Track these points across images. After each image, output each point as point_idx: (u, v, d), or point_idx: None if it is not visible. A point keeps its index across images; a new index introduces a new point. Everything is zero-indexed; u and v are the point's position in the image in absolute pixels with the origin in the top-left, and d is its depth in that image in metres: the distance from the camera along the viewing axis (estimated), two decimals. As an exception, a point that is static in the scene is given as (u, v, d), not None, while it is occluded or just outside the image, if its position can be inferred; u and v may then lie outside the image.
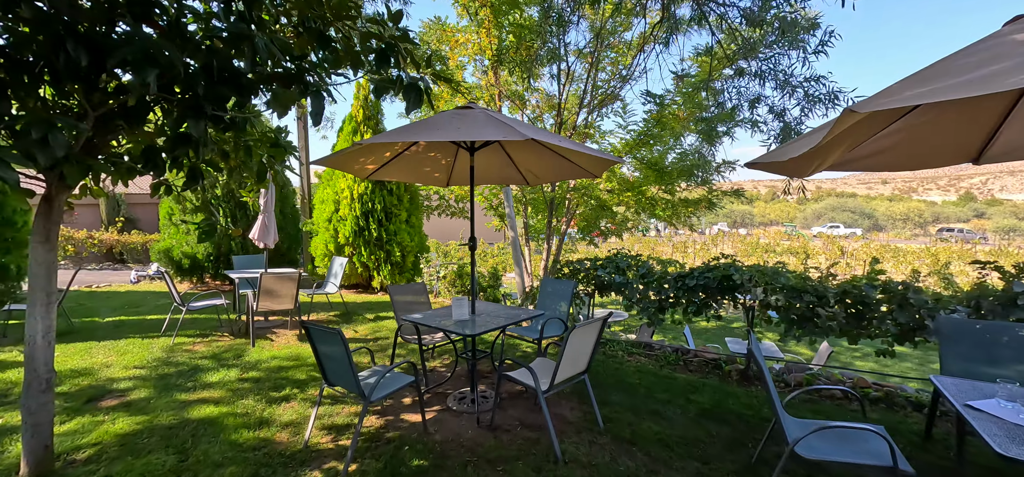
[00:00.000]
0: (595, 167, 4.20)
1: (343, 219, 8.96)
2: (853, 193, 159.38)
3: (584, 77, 8.75)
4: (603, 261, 5.26)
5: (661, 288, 4.84)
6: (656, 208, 8.10)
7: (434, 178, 5.03)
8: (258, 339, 5.85)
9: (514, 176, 4.85)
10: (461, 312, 3.80)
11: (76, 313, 7.29)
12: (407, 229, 9.32)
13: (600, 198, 8.04)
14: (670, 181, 7.81)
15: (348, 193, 8.90)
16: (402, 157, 4.39)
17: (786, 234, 46.85)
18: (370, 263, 8.99)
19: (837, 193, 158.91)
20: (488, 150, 4.41)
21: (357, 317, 7.13)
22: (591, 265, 5.29)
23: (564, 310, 4.69)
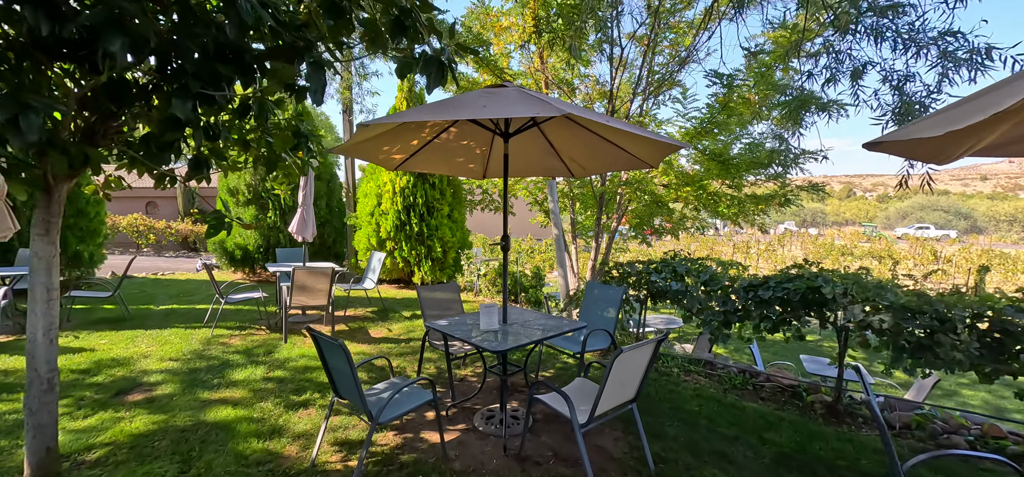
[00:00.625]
0: (650, 154, 3.57)
1: (385, 213, 8.81)
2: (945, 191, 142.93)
3: (638, 62, 8.00)
4: (658, 264, 4.61)
5: (727, 298, 4.13)
6: (719, 205, 7.22)
7: (469, 169, 4.60)
8: (292, 335, 5.73)
9: (557, 167, 4.31)
10: (490, 321, 3.34)
11: (136, 300, 7.62)
12: (449, 224, 9.03)
13: (655, 193, 7.29)
14: (736, 174, 6.90)
15: (390, 187, 8.74)
16: (432, 146, 3.99)
17: (865, 235, 42.54)
18: (411, 258, 8.78)
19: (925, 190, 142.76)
20: (526, 137, 3.91)
21: (393, 315, 6.90)
22: (644, 268, 4.65)
23: (611, 318, 4.11)
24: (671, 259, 4.72)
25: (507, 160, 3.41)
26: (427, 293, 4.46)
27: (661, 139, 2.95)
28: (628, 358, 2.39)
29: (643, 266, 4.67)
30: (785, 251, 27.62)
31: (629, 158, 3.70)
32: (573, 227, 9.01)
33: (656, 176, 7.82)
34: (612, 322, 4.09)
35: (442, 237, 8.82)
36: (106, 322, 6.13)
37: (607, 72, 7.68)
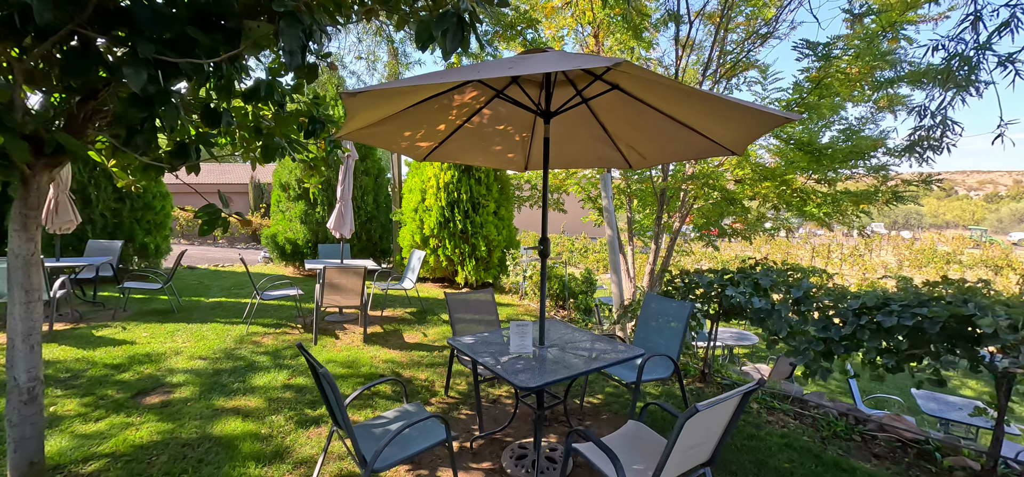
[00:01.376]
0: (733, 135, 2.78)
1: (429, 209, 8.46)
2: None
3: (708, 43, 7.04)
4: (735, 275, 3.77)
5: (829, 322, 3.24)
6: (807, 203, 6.10)
7: (508, 160, 4.01)
8: (324, 336, 5.47)
9: (611, 156, 3.61)
10: (523, 342, 2.74)
11: (191, 292, 7.81)
12: (495, 221, 8.52)
13: (725, 189, 6.31)
14: (830, 165, 5.78)
15: (434, 182, 8.37)
16: (464, 132, 3.45)
17: (973, 240, 37.15)
18: (454, 257, 8.37)
19: None
20: (572, 118, 3.26)
21: (431, 317, 6.49)
22: (716, 279, 3.83)
23: (673, 341, 3.36)
24: (751, 269, 3.86)
25: (547, 145, 2.78)
26: (457, 299, 3.94)
27: (753, 106, 2.19)
28: (703, 418, 1.69)
29: (714, 276, 3.84)
30: (874, 257, 24.55)
31: (703, 142, 2.93)
32: (630, 226, 8.18)
33: (728, 169, 6.81)
34: (675, 345, 3.34)
35: (487, 235, 8.33)
36: (156, 314, 6.22)
37: (672, 55, 6.76)
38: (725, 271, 3.85)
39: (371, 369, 4.48)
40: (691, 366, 4.38)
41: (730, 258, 13.77)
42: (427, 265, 8.63)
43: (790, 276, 3.66)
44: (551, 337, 3.08)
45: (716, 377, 4.19)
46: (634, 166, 3.67)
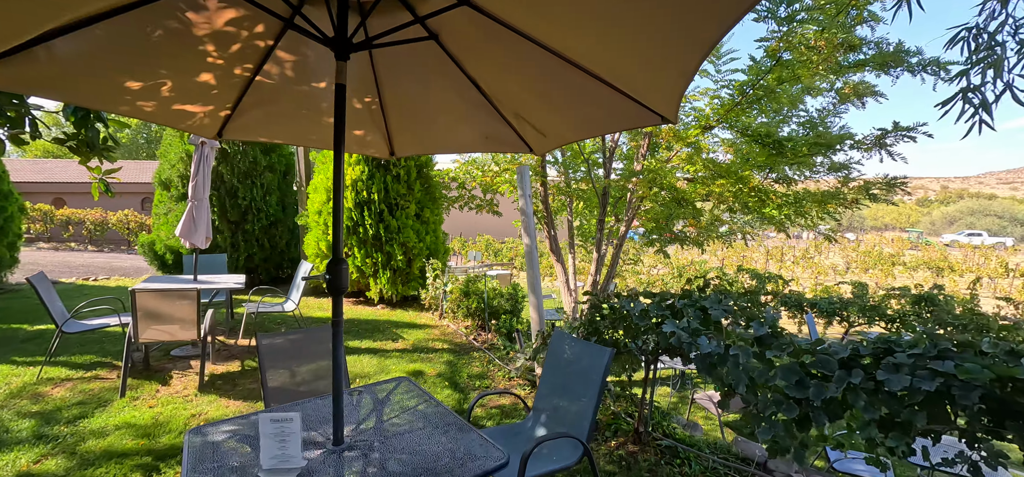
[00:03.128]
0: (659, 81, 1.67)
1: (334, 211, 7.10)
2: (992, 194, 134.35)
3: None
4: (676, 299, 2.70)
5: (805, 376, 2.21)
6: (765, 204, 5.24)
7: (363, 141, 2.82)
8: (152, 380, 4.06)
9: (499, 132, 2.46)
10: (282, 454, 1.52)
11: (29, 315, 6.11)
12: (415, 226, 7.26)
13: (675, 188, 5.36)
14: (791, 160, 4.91)
15: (340, 178, 7.02)
16: (263, 91, 2.22)
17: (910, 242, 39.04)
18: (365, 268, 7.05)
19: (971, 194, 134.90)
20: (423, 67, 2.10)
21: (316, 347, 5.14)
22: (653, 307, 2.76)
23: (584, 408, 2.25)
24: (699, 291, 2.81)
25: (342, 99, 1.61)
26: (276, 346, 2.69)
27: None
28: None
29: (651, 304, 2.76)
30: (823, 259, 24.93)
31: (620, 103, 1.82)
32: (571, 232, 7.14)
33: (679, 165, 5.87)
34: (587, 414, 2.23)
35: (406, 242, 7.07)
36: (-72, 352, 4.59)
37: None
38: (665, 296, 2.78)
39: (177, 439, 3.13)
40: (623, 422, 3.29)
41: (685, 264, 13.11)
42: (306, 284, 7.26)
43: (752, 305, 2.63)
44: (361, 426, 1.88)
45: (654, 437, 3.12)
46: (537, 150, 2.54)
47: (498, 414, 3.60)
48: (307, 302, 7.35)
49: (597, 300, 3.09)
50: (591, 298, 3.11)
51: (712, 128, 5.43)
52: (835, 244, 5.84)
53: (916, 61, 4.91)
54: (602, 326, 3.02)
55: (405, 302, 7.41)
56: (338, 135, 1.66)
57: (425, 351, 5.09)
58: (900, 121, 4.46)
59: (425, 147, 2.98)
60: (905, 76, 5.11)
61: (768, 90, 4.83)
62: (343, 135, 1.67)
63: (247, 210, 8.16)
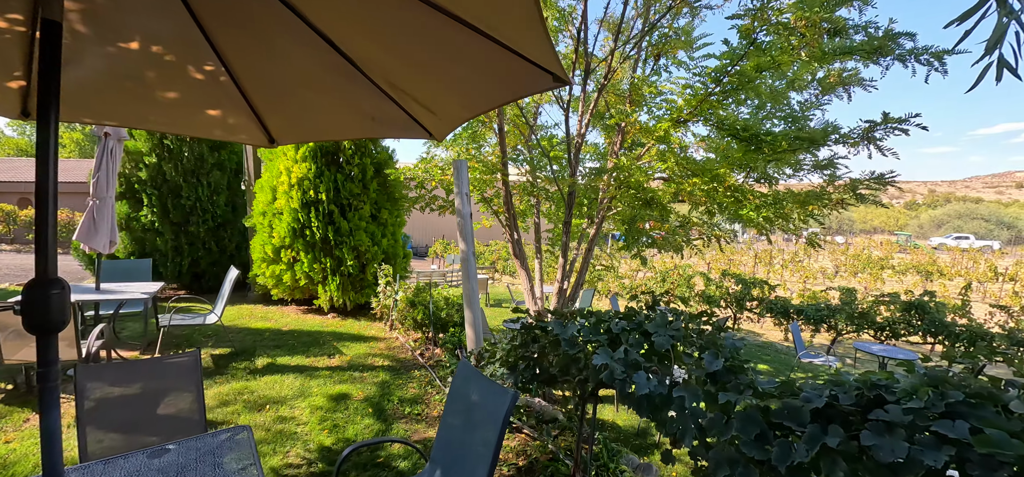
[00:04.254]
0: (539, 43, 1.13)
1: (279, 213, 6.51)
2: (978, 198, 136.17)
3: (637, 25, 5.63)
4: (611, 323, 2.16)
5: (768, 429, 1.67)
6: (743, 206, 4.73)
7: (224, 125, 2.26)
8: (21, 409, 3.45)
9: (388, 113, 1.92)
10: None
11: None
12: (371, 228, 6.68)
13: (642, 186, 4.84)
14: (771, 157, 4.40)
15: (286, 176, 6.43)
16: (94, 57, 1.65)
17: (899, 245, 39.04)
18: (314, 274, 6.45)
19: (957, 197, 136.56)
20: (257, 22, 1.54)
21: (234, 367, 4.54)
22: (589, 331, 2.21)
23: (481, 467, 1.70)
24: (647, 310, 2.26)
25: (52, 52, 1.05)
26: (97, 381, 2.11)
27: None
28: None
29: (588, 325, 2.22)
30: (812, 262, 24.62)
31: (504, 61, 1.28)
32: (537, 235, 6.59)
33: (649, 162, 5.35)
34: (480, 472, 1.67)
35: (358, 245, 6.48)
36: None
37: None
38: (602, 318, 2.23)
39: (7, 493, 2.54)
40: (561, 465, 2.74)
41: (669, 268, 12.62)
42: (283, 284, 6.66)
43: (712, 329, 2.09)
44: None
45: (599, 483, 2.57)
46: (436, 133, 2.00)
47: (397, 459, 3.03)
48: (252, 311, 6.75)
49: (532, 322, 2.54)
50: (524, 320, 2.57)
51: (685, 122, 4.92)
52: (820, 249, 5.33)
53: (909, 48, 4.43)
54: (535, 353, 2.47)
55: (359, 311, 6.82)
56: (45, 94, 1.10)
57: (361, 368, 4.52)
58: (889, 113, 3.97)
59: (308, 133, 2.43)
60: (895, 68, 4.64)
61: (745, 78, 4.32)
62: (53, 94, 1.10)
63: (192, 211, 7.53)
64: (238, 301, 7.36)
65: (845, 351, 9.61)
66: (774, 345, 9.55)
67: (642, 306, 2.29)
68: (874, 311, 8.62)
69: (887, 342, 8.39)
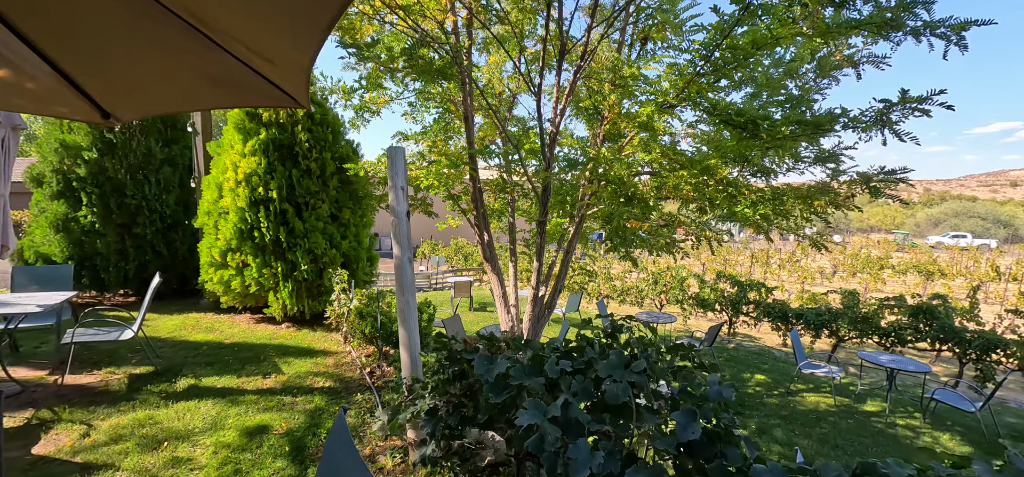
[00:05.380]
0: None
1: (225, 212, 5.88)
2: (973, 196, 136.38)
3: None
4: (555, 359, 1.56)
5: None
6: (738, 202, 4.14)
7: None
8: None
9: (229, 72, 1.31)
10: None
11: None
12: (329, 228, 6.06)
13: (622, 181, 4.24)
14: (769, 144, 3.81)
15: (232, 172, 5.80)
16: None
17: (897, 244, 38.63)
18: (265, 280, 5.83)
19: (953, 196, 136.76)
20: None
21: (150, 390, 3.90)
22: (518, 371, 1.59)
23: None
24: (606, 340, 1.66)
25: None
26: None
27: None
28: None
29: (522, 367, 1.61)
30: (810, 262, 24.10)
31: None
32: (512, 236, 5.99)
33: (633, 154, 4.76)
34: None
35: (314, 248, 5.85)
36: None
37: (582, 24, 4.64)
38: (538, 350, 1.64)
39: None
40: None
41: (662, 269, 12.05)
42: (232, 291, 6.02)
43: (689, 365, 1.48)
44: None
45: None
46: (299, 99, 1.39)
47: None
48: (199, 321, 6.12)
49: (459, 350, 1.94)
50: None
51: (673, 106, 4.32)
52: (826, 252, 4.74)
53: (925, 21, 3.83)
54: (462, 394, 1.86)
55: (317, 320, 6.20)
56: None
57: (296, 391, 3.90)
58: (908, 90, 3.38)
59: (145, 106, 1.81)
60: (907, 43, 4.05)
61: (739, 54, 3.72)
62: None
63: (138, 211, 6.89)
64: (188, 309, 6.73)
65: (847, 356, 9.05)
66: (772, 352, 8.98)
67: (598, 333, 1.69)
68: (878, 316, 8.05)
69: (894, 349, 7.81)
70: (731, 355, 8.27)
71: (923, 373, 5.75)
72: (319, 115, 6.15)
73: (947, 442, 5.02)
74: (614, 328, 1.67)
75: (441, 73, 4.36)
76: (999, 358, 6.90)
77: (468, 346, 1.89)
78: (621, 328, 1.67)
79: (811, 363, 6.52)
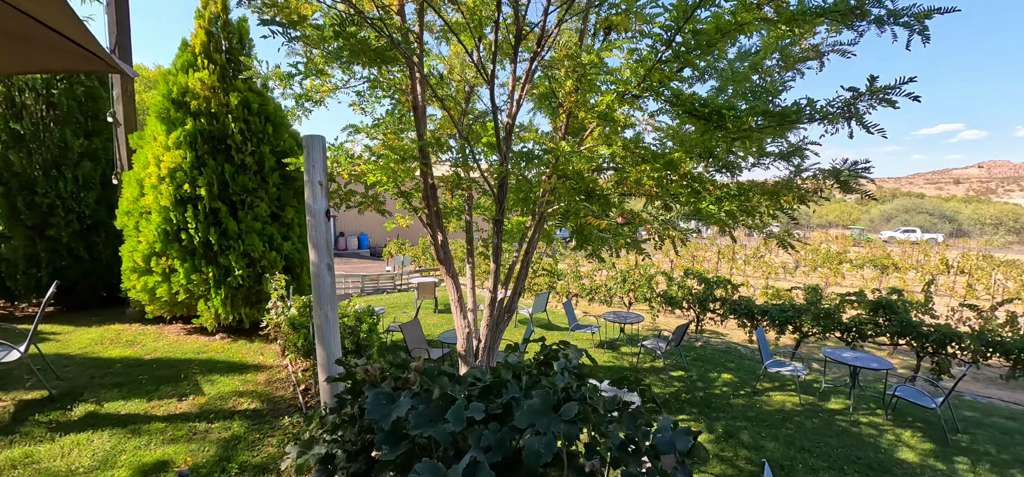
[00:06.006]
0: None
1: (147, 212, 5.27)
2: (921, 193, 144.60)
3: None
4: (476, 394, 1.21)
5: None
6: (703, 198, 3.91)
7: None
8: None
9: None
10: None
11: None
12: (268, 229, 5.52)
13: (584, 177, 3.94)
14: (738, 136, 3.58)
15: (154, 167, 5.19)
16: None
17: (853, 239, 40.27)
18: (194, 287, 5.25)
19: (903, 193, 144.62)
20: None
21: (29, 422, 3.34)
22: (417, 416, 1.24)
23: None
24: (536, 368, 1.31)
25: None
26: None
27: None
28: None
29: (422, 411, 1.26)
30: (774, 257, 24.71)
31: None
32: (470, 238, 5.61)
33: (593, 146, 4.47)
34: None
35: (250, 250, 5.31)
36: None
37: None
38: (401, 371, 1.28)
39: None
40: None
41: (630, 267, 11.92)
42: (159, 300, 5.41)
43: (627, 404, 1.15)
44: None
45: None
46: (112, 64, 0.97)
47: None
48: (120, 333, 5.48)
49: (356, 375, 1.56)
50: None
51: (635, 96, 4.04)
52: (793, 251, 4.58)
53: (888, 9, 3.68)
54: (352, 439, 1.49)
55: (255, 330, 5.65)
56: None
57: (214, 416, 3.42)
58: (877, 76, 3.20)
59: None
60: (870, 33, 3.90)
61: (702, 38, 3.46)
62: None
63: (51, 211, 6.14)
64: (112, 320, 6.05)
65: (809, 351, 9.11)
66: (738, 349, 8.93)
67: (529, 363, 1.35)
68: (840, 311, 8.10)
69: (856, 344, 7.86)
70: (698, 353, 8.16)
71: (884, 370, 5.72)
72: (257, 105, 5.60)
73: (909, 439, 4.97)
74: (547, 357, 1.33)
75: (380, 56, 3.93)
76: (954, 351, 7.01)
77: (369, 376, 1.51)
78: (556, 354, 1.34)
79: (777, 361, 6.44)
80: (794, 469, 4.33)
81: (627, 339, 8.68)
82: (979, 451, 4.73)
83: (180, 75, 5.30)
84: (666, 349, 6.56)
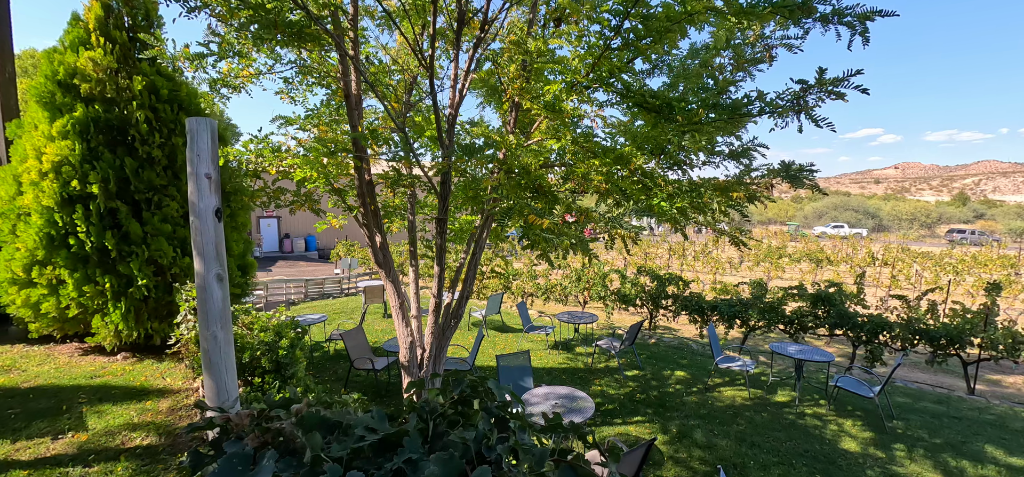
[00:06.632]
0: None
1: (26, 213, 4.49)
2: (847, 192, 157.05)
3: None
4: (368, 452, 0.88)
5: None
6: (654, 195, 3.75)
7: None
8: None
9: None
10: None
11: None
12: (179, 232, 4.87)
13: (530, 172, 3.68)
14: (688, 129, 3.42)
15: (35, 160, 4.42)
16: None
17: (791, 235, 42.90)
18: (88, 300, 4.52)
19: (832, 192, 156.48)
20: None
21: None
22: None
23: None
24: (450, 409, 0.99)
25: None
26: None
27: None
28: None
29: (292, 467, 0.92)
30: (720, 253, 25.78)
31: None
32: (413, 238, 5.21)
33: (539, 139, 4.21)
34: None
35: (159, 256, 4.65)
36: None
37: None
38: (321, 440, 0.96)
39: None
40: None
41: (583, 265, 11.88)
42: (45, 316, 4.63)
43: (562, 450, 0.86)
44: None
45: None
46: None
47: None
48: (10, 353, 4.65)
49: (211, 426, 1.20)
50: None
51: (584, 86, 3.81)
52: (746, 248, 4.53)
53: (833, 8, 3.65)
54: None
55: (165, 348, 4.98)
56: None
57: (95, 458, 2.85)
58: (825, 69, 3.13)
59: None
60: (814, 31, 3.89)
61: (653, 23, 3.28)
62: None
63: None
64: None
65: (755, 344, 9.38)
66: (690, 344, 9.04)
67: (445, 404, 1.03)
68: (783, 304, 8.37)
69: (798, 336, 8.13)
70: (652, 351, 8.16)
71: (826, 362, 5.87)
72: (167, 91, 4.93)
73: (850, 428, 5.08)
74: (472, 390, 1.01)
75: (300, 34, 3.48)
76: (886, 339, 7.38)
77: (233, 426, 1.15)
78: (477, 388, 1.03)
79: (727, 357, 6.48)
80: (746, 467, 4.27)
81: (582, 339, 8.55)
82: (913, 437, 4.90)
83: (68, 54, 4.55)
84: (620, 348, 6.45)
